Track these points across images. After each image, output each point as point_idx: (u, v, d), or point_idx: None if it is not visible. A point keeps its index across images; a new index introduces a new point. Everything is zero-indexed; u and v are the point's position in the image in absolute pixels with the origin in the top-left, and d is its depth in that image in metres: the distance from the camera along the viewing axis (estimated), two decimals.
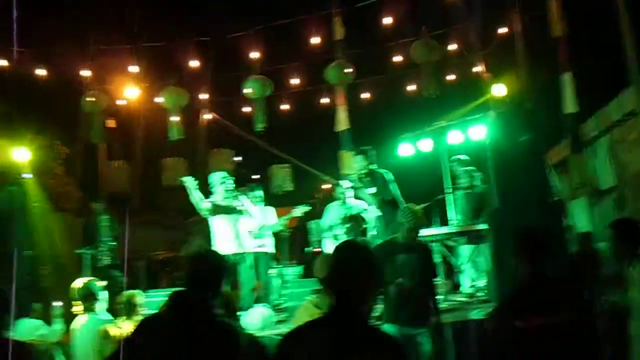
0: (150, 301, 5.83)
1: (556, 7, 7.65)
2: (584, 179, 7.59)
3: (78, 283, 5.30)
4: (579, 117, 8.27)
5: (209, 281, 3.15)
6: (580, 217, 8.86)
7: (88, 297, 5.15)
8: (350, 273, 2.52)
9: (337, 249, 2.68)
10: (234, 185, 8.07)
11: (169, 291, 3.28)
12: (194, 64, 11.41)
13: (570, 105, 7.58)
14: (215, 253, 3.45)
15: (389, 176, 8.00)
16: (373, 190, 7.92)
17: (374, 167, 8.13)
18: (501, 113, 8.04)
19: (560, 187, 9.15)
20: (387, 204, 7.74)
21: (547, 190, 7.65)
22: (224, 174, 8.22)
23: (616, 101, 9.88)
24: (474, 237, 8.34)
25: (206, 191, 8.37)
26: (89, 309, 5.11)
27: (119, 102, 12.07)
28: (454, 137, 9.74)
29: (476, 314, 6.45)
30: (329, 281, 2.59)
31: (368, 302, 2.54)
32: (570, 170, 8.00)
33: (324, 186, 13.49)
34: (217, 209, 8.02)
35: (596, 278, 8.36)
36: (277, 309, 8.04)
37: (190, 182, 7.89)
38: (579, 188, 7.53)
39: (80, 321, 5.20)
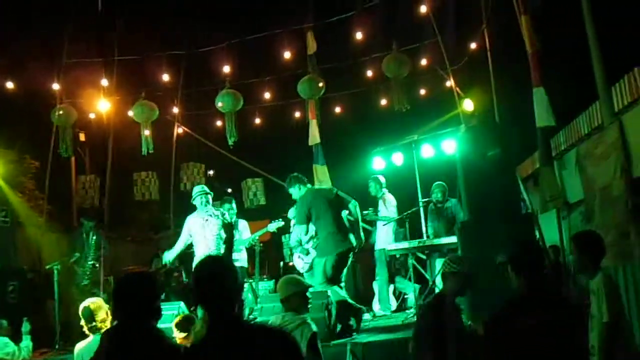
0: None
1: (527, 22, 7.74)
2: (553, 192, 7.65)
3: (85, 303, 5.25)
4: (550, 130, 8.37)
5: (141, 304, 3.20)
6: (551, 230, 8.97)
7: (90, 319, 5.08)
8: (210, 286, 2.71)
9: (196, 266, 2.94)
10: (208, 200, 7.98)
11: None
12: (166, 77, 11.38)
13: (543, 119, 7.65)
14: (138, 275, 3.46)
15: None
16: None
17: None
18: (471, 127, 8.14)
19: (531, 201, 9.25)
20: None
21: (517, 203, 7.74)
22: (200, 188, 8.16)
23: (585, 115, 10.05)
24: (446, 250, 8.41)
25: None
26: (93, 329, 5.05)
27: (90, 116, 11.99)
28: (426, 150, 9.82)
29: None
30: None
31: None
32: (540, 184, 8.08)
33: None
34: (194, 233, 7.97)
35: (565, 289, 8.50)
36: None
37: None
38: (548, 201, 7.60)
39: (85, 342, 5.15)
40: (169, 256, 8.15)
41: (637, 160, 6.09)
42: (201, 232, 7.84)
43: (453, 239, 7.85)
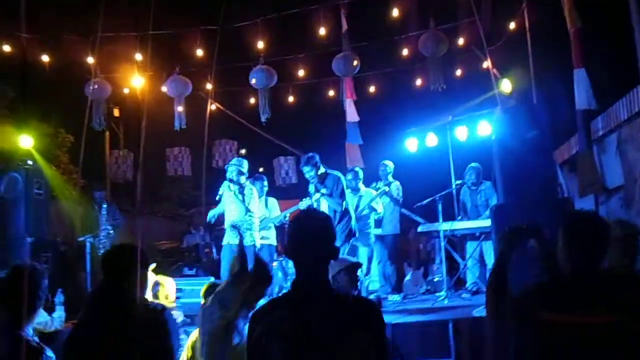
0: None
1: (569, 0, 7.51)
2: (592, 177, 7.47)
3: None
4: (589, 115, 8.17)
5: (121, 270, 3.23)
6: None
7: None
8: (307, 242, 2.53)
9: (295, 219, 2.69)
10: (239, 173, 7.93)
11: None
12: (200, 53, 11.35)
13: (583, 101, 7.46)
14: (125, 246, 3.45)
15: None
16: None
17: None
18: (508, 109, 7.94)
19: (568, 185, 9.07)
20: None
21: (554, 187, 7.56)
22: (236, 160, 8.16)
23: (625, 99, 9.78)
24: (479, 234, 8.30)
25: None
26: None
27: (124, 91, 12.05)
28: (461, 132, 9.65)
29: (479, 312, 6.37)
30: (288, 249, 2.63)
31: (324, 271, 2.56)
32: (578, 168, 7.89)
33: None
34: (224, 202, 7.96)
35: None
36: None
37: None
38: (587, 186, 7.42)
39: None
40: (211, 214, 8.17)
41: None
42: (231, 204, 7.86)
43: (486, 222, 7.72)
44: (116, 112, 14.07)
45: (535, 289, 2.82)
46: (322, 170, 7.59)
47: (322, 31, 10.59)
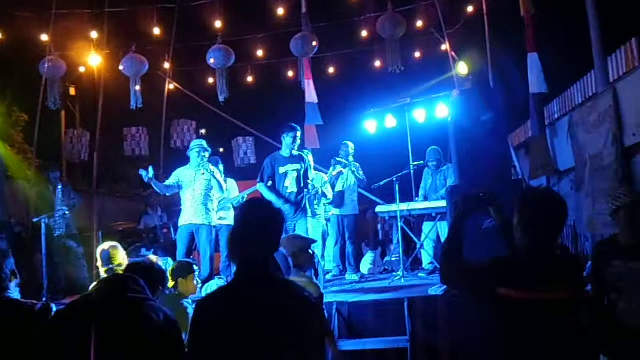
0: None
1: None
2: (544, 159, 7.65)
3: (104, 246, 5.38)
4: (544, 99, 8.34)
5: None
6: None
7: (108, 261, 5.20)
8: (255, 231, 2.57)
9: (242, 208, 2.72)
10: (204, 155, 7.88)
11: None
12: (157, 31, 11.19)
13: (537, 85, 7.63)
14: None
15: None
16: None
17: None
18: (464, 91, 8.07)
19: (523, 167, 9.26)
20: None
21: (508, 169, 7.73)
22: (199, 141, 8.10)
23: (580, 84, 10.00)
24: (435, 214, 8.43)
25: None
26: (110, 272, 5.13)
27: (80, 69, 11.82)
28: (419, 114, 9.76)
29: (435, 290, 6.50)
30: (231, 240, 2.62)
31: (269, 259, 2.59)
32: (531, 151, 8.07)
33: None
34: (184, 183, 7.89)
35: None
36: None
37: (145, 175, 7.68)
38: (539, 168, 7.60)
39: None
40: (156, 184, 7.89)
41: (629, 129, 6.07)
42: (191, 185, 7.79)
43: (442, 203, 7.86)
44: (72, 91, 13.78)
45: (491, 264, 2.81)
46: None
47: (281, 11, 10.56)
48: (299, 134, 7.70)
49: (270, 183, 7.67)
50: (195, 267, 5.11)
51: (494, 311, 2.78)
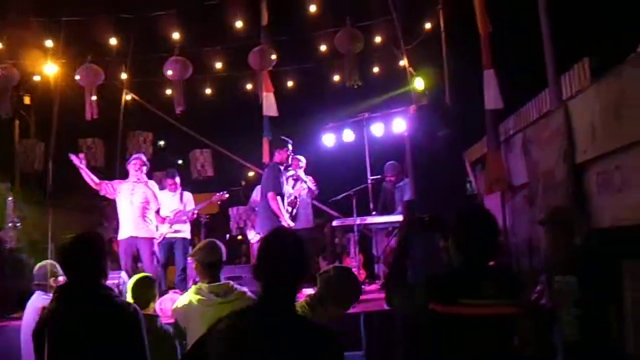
0: None
1: (480, 3, 7.79)
2: (498, 174, 7.77)
3: (43, 263, 5.43)
4: (500, 115, 8.46)
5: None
6: (494, 212, 9.07)
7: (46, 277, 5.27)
8: (280, 261, 2.48)
9: (267, 236, 2.61)
10: (141, 167, 7.82)
11: None
12: (114, 42, 11.06)
13: (492, 101, 7.74)
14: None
15: None
16: None
17: None
18: (421, 107, 8.15)
19: (479, 183, 9.37)
20: None
21: (463, 184, 7.82)
22: (137, 155, 8.02)
23: (535, 101, 10.17)
24: (391, 228, 8.47)
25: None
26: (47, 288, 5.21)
27: (35, 78, 11.59)
28: (377, 129, 9.83)
29: None
30: (257, 269, 2.51)
31: (295, 291, 2.50)
32: (486, 166, 8.18)
33: (250, 173, 13.39)
34: (121, 195, 7.80)
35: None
36: None
37: (76, 160, 7.58)
38: (493, 184, 7.71)
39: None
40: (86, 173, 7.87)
41: (579, 147, 6.18)
42: (128, 197, 7.71)
43: (399, 217, 7.90)
44: (27, 100, 13.49)
45: (427, 280, 2.86)
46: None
47: (240, 24, 10.55)
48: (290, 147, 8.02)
49: None
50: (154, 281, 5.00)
51: (429, 325, 2.80)
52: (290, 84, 12.37)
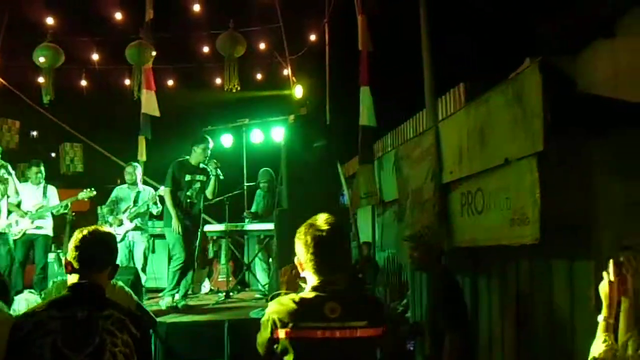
0: None
1: (362, 22, 7.97)
2: (369, 189, 7.95)
3: None
4: (379, 133, 8.68)
5: None
6: (365, 226, 9.28)
7: None
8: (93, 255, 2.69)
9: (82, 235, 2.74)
10: None
11: None
12: None
13: (366, 117, 7.92)
14: None
15: None
16: None
17: None
18: (299, 116, 8.21)
19: (350, 196, 9.54)
20: None
21: (336, 196, 7.93)
22: None
23: (412, 120, 10.53)
24: (263, 236, 8.47)
25: None
26: None
27: None
28: (256, 135, 9.81)
29: (256, 313, 6.45)
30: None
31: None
32: (356, 179, 8.36)
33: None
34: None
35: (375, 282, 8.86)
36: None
37: None
38: (363, 198, 7.88)
39: None
40: None
41: (447, 167, 6.41)
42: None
43: (270, 225, 7.89)
44: None
45: (281, 305, 2.60)
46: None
47: (119, 16, 10.22)
48: (210, 145, 7.53)
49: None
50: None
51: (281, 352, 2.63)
52: (171, 82, 12.09)
